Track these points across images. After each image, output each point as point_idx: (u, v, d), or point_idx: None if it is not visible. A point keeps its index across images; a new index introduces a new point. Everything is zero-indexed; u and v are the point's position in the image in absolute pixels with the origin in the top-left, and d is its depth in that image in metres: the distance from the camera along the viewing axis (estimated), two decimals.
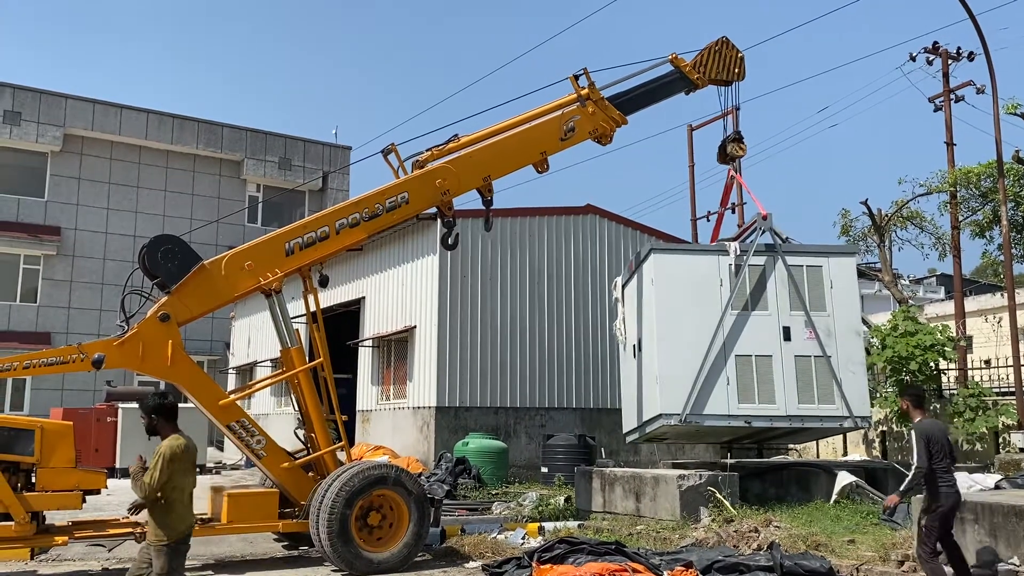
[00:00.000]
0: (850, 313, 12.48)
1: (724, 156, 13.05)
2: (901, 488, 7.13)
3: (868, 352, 17.72)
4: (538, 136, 11.29)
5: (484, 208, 11.56)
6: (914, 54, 21.03)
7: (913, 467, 7.03)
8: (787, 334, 12.06)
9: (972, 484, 11.33)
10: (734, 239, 13.30)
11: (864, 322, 23.93)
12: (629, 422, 13.66)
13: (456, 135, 11.16)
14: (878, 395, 17.33)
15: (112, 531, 9.12)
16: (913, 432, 7.13)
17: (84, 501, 8.74)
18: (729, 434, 12.51)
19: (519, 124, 11.31)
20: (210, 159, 36.17)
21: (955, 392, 17.22)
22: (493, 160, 11.09)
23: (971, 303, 28.87)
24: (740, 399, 11.75)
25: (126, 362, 9.10)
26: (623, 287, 13.84)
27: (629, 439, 14.02)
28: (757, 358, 11.95)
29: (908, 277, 49.17)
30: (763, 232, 12.62)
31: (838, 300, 12.35)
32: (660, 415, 11.88)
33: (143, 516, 6.08)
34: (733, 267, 12.24)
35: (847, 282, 12.53)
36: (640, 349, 12.73)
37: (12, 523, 8.21)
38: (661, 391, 11.83)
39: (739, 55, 12.34)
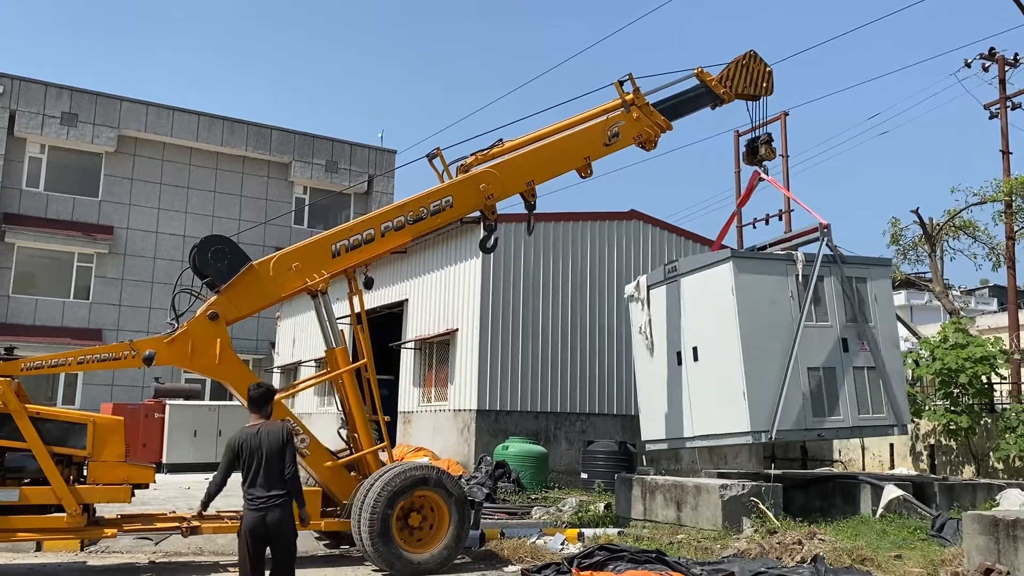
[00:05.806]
0: (890, 324, 12.59)
1: (753, 157, 12.68)
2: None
3: (917, 364, 17.40)
4: (582, 141, 11.24)
5: (527, 212, 11.61)
6: (970, 60, 20.64)
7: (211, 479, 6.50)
8: (845, 345, 12.01)
9: None
10: (778, 244, 13.02)
11: (914, 333, 23.55)
12: (654, 431, 13.16)
13: (500, 140, 11.17)
14: (927, 408, 16.97)
15: (159, 525, 9.28)
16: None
17: (133, 495, 8.91)
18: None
19: (563, 129, 11.27)
20: (259, 161, 36.76)
21: (1007, 407, 16.81)
22: (537, 165, 11.09)
23: None
24: (814, 412, 11.66)
25: (175, 359, 9.29)
26: (649, 288, 13.48)
27: (652, 447, 13.55)
28: (824, 370, 11.84)
29: (960, 288, 48.07)
30: (823, 242, 12.29)
31: (880, 312, 12.40)
32: (748, 431, 11.39)
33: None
34: (800, 278, 11.99)
35: (886, 294, 12.63)
36: (696, 358, 12.33)
37: (64, 514, 8.40)
38: (751, 408, 11.33)
39: (767, 69, 12.07)
